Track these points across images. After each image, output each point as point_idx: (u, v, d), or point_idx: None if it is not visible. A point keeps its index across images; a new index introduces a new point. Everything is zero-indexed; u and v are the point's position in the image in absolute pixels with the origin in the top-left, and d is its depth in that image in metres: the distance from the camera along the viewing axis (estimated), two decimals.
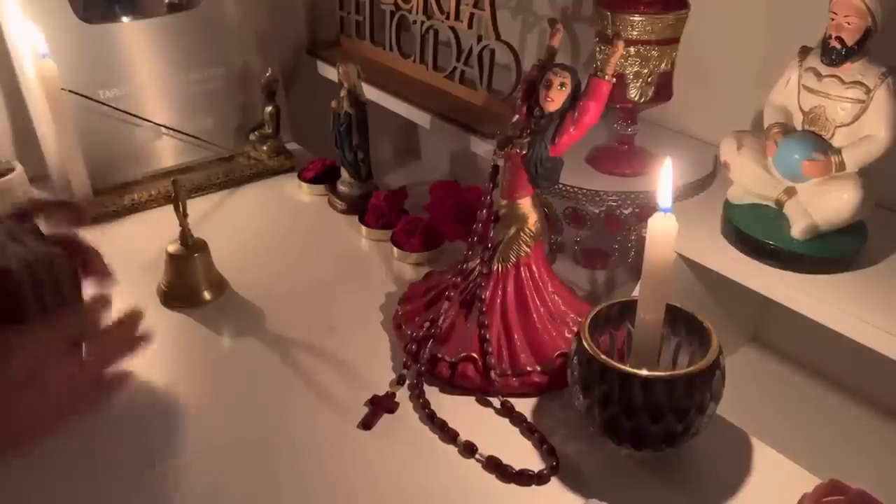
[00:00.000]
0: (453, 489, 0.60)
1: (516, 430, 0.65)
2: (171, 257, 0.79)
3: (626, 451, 0.61)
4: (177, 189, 0.76)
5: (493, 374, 0.67)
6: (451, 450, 0.63)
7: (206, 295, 0.81)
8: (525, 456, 0.62)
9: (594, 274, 0.90)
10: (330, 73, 1.09)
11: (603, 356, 0.58)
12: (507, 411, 0.67)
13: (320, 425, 0.66)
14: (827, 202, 0.66)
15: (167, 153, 1.03)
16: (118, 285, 0.64)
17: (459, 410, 0.67)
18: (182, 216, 0.78)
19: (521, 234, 0.69)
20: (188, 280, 0.80)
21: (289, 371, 0.72)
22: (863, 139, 0.65)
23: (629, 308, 0.62)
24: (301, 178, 1.03)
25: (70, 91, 0.92)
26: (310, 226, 0.96)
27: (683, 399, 0.57)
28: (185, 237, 0.79)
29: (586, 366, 0.59)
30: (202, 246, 0.81)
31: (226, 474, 0.61)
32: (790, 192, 0.69)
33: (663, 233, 0.54)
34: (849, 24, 0.62)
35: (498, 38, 0.87)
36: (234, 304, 0.81)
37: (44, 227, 0.60)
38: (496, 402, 0.68)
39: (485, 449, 0.62)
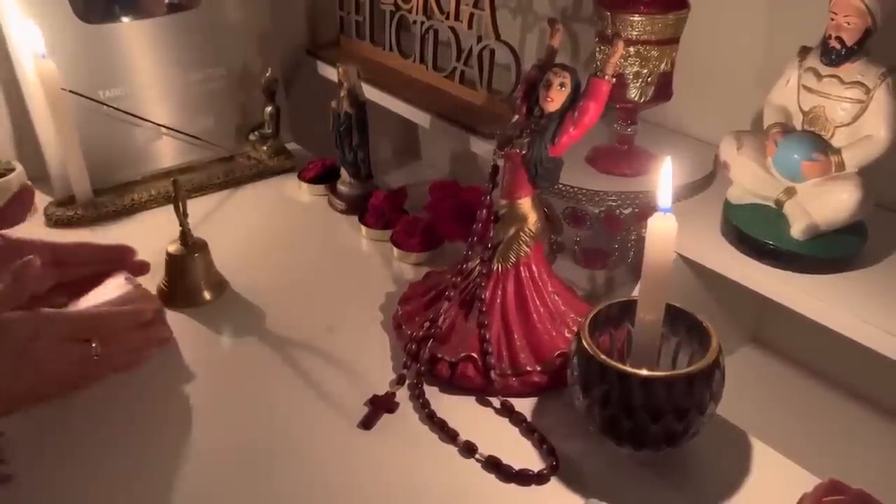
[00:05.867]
0: (453, 489, 0.60)
1: (516, 430, 0.65)
2: (172, 257, 0.79)
3: (626, 451, 0.61)
4: (177, 189, 0.76)
5: (492, 373, 0.67)
6: (451, 450, 0.63)
7: (207, 295, 0.81)
8: (525, 455, 0.62)
9: (594, 274, 0.90)
10: (330, 73, 1.09)
11: (603, 356, 0.58)
12: (506, 411, 0.67)
13: (320, 425, 0.66)
14: (827, 202, 0.66)
15: (167, 153, 1.03)
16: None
17: (459, 410, 0.67)
18: (182, 216, 0.78)
19: (521, 234, 0.69)
20: (188, 280, 0.80)
21: (289, 371, 0.72)
22: (862, 139, 0.65)
23: (629, 308, 0.62)
24: (301, 178, 1.03)
25: (70, 91, 0.92)
26: (310, 226, 0.96)
27: (683, 399, 0.57)
28: (186, 237, 0.79)
29: (586, 365, 0.59)
30: (202, 246, 0.81)
31: (225, 474, 0.61)
32: (790, 192, 0.69)
33: (663, 233, 0.54)
34: (848, 24, 0.62)
35: (498, 38, 0.87)
36: (234, 304, 0.81)
37: None
38: (496, 401, 0.68)
39: (484, 449, 0.62)
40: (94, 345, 0.65)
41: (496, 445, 0.63)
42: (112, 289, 0.75)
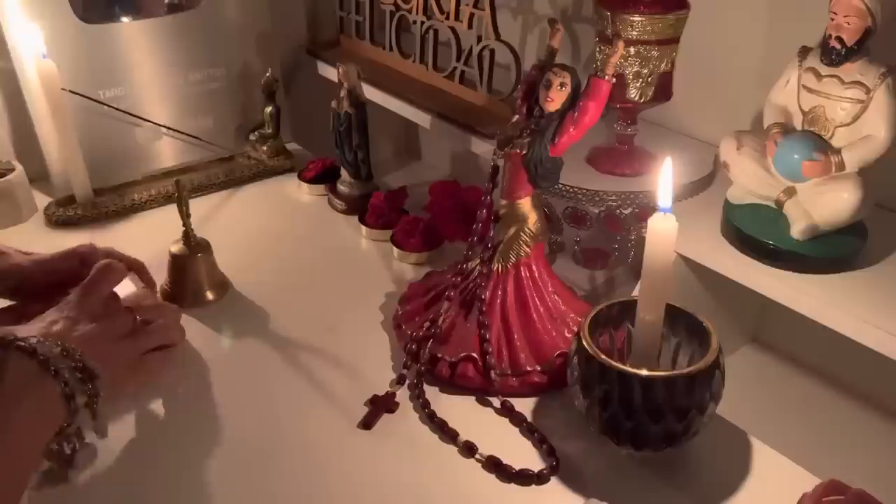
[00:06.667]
0: (453, 489, 0.60)
1: (516, 430, 0.65)
2: (174, 257, 0.79)
3: (626, 451, 0.61)
4: (179, 189, 0.76)
5: (493, 374, 0.67)
6: (451, 450, 0.63)
7: (209, 295, 0.81)
8: (525, 456, 0.62)
9: (594, 274, 0.90)
10: (330, 73, 1.09)
11: (603, 356, 0.58)
12: (507, 411, 0.67)
13: (321, 425, 0.66)
14: (827, 202, 0.66)
15: (167, 153, 1.03)
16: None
17: (459, 410, 0.67)
18: (185, 216, 0.78)
19: (521, 234, 0.69)
20: (191, 280, 0.80)
21: (289, 371, 0.72)
22: (863, 139, 0.65)
23: (629, 308, 0.62)
24: (301, 178, 1.03)
25: (70, 91, 0.92)
26: (310, 226, 0.96)
27: (683, 399, 0.57)
28: (188, 237, 0.79)
29: (586, 365, 0.59)
30: (205, 246, 0.81)
31: (226, 473, 0.61)
32: (790, 192, 0.70)
33: (663, 233, 0.54)
34: (848, 24, 0.62)
35: (498, 38, 0.87)
36: (236, 304, 0.81)
37: None
38: (496, 402, 0.68)
39: (485, 449, 0.62)
40: None
41: (496, 445, 0.63)
42: (120, 289, 0.74)
